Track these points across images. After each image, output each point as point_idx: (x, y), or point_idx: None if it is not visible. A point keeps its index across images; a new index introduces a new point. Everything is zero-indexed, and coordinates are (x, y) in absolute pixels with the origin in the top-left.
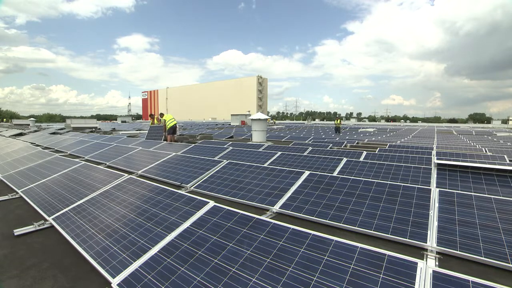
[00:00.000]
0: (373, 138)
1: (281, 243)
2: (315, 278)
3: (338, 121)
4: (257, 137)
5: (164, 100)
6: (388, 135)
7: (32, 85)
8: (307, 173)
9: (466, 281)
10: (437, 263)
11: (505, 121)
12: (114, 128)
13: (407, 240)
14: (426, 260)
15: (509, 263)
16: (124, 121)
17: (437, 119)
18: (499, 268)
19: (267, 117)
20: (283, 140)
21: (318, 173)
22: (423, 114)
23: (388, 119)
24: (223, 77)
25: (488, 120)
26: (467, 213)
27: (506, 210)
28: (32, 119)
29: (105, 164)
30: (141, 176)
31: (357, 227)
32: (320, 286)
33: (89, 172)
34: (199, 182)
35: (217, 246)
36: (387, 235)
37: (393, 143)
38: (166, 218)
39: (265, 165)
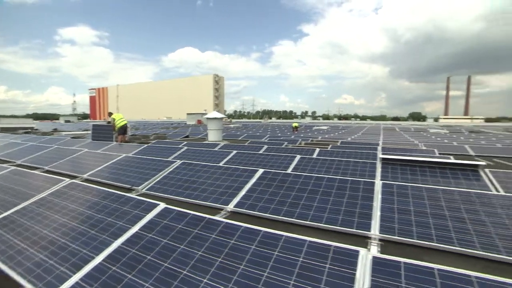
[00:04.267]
0: (326, 136)
1: (232, 241)
2: (265, 274)
3: (296, 124)
4: (213, 136)
5: (115, 98)
6: (340, 132)
7: None
8: (261, 171)
9: (398, 262)
10: (379, 249)
11: (436, 120)
12: (56, 129)
13: (354, 230)
14: (370, 248)
15: (434, 243)
16: (68, 121)
17: (383, 117)
18: (427, 248)
19: (222, 115)
20: (239, 138)
21: (272, 170)
22: (371, 112)
23: (340, 117)
24: (179, 75)
25: (424, 118)
26: (404, 201)
27: (433, 197)
28: None
29: (43, 168)
30: (86, 180)
31: (309, 221)
32: (271, 281)
33: (21, 178)
34: (151, 184)
35: (167, 249)
36: (336, 227)
37: (344, 140)
38: (112, 224)
39: (220, 164)
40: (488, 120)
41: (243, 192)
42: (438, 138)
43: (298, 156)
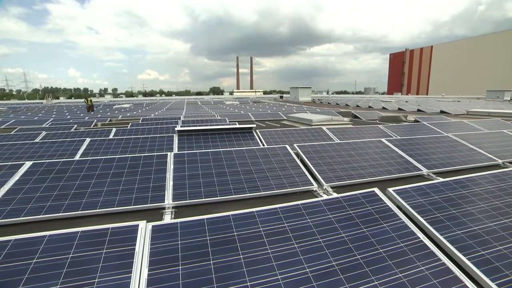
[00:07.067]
0: (128, 114)
1: None
2: None
3: (88, 100)
4: None
5: None
6: (144, 109)
7: None
8: (29, 164)
9: (175, 224)
10: (173, 216)
11: (231, 93)
12: None
13: (149, 205)
14: (164, 217)
15: (217, 197)
16: None
17: (187, 92)
18: (215, 202)
19: None
20: (2, 127)
21: (46, 161)
22: (176, 88)
23: (145, 94)
24: None
25: (222, 92)
26: (194, 167)
27: (216, 158)
28: None
29: None
30: None
31: (99, 208)
32: None
33: None
34: None
35: None
36: (130, 206)
37: (147, 117)
38: None
39: None
40: (265, 92)
41: None
42: (231, 108)
43: (88, 139)
